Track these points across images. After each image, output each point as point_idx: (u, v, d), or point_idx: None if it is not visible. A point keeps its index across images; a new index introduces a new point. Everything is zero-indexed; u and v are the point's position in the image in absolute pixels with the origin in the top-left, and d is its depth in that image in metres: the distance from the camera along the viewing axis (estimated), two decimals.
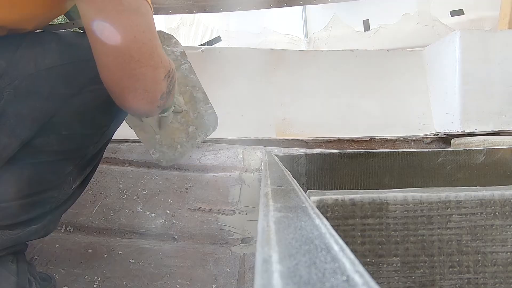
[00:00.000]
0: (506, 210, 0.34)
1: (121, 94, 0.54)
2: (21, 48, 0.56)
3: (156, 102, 0.57)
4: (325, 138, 1.40)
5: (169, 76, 0.59)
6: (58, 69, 0.58)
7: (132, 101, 0.54)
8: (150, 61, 0.53)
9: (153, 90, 0.55)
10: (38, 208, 0.65)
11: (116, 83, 0.53)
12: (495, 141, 1.10)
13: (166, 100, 0.61)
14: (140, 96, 0.54)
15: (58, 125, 0.61)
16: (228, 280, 0.83)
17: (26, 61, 0.56)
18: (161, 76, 0.56)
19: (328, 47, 3.07)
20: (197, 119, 1.09)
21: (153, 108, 0.58)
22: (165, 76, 0.57)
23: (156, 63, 0.54)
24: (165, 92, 0.58)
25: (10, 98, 0.55)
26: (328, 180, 0.85)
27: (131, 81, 0.52)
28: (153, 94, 0.55)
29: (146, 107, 0.56)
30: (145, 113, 0.59)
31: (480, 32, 1.34)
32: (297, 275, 0.15)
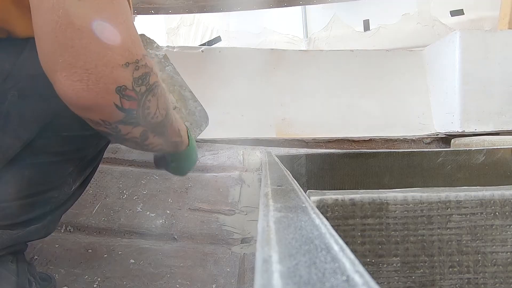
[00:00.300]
0: (506, 210, 0.34)
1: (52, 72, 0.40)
2: (25, 51, 0.56)
3: (104, 92, 0.41)
4: (325, 138, 1.40)
5: (137, 67, 0.44)
6: None
7: (64, 84, 0.39)
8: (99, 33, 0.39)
9: (99, 73, 0.40)
10: (38, 209, 0.65)
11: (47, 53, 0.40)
12: (495, 141, 1.10)
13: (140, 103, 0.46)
14: (75, 77, 0.39)
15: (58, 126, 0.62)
16: (228, 280, 0.83)
17: (29, 63, 0.56)
18: (116, 58, 0.41)
19: (328, 47, 3.07)
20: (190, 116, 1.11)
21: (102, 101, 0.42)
22: (126, 64, 0.42)
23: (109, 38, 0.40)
24: (128, 85, 0.43)
25: (14, 100, 0.56)
26: (328, 180, 0.85)
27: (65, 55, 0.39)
28: (98, 79, 0.40)
29: (86, 96, 0.40)
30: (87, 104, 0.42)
31: (480, 32, 1.34)
32: (297, 275, 0.15)
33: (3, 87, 0.55)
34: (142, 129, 0.50)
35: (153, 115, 0.50)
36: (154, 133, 0.53)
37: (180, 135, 0.62)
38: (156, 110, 0.50)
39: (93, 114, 0.44)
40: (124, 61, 0.42)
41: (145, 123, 0.49)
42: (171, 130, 0.57)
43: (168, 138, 0.58)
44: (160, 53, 1.12)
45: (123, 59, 0.42)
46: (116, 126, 0.47)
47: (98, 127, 0.47)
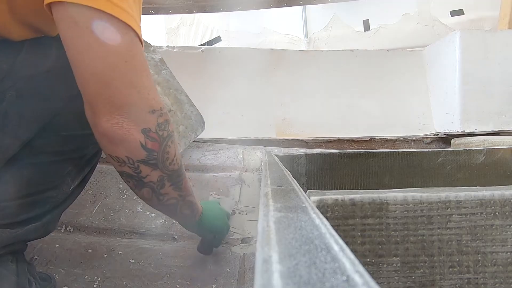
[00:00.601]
0: (506, 210, 0.34)
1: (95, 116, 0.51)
2: (22, 52, 0.57)
3: (134, 131, 0.51)
4: (325, 138, 1.40)
5: (161, 115, 0.54)
6: (57, 72, 0.59)
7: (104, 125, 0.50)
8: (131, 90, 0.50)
9: (131, 117, 0.50)
10: (37, 208, 0.65)
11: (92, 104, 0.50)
12: (495, 141, 1.10)
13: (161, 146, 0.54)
14: (114, 120, 0.50)
15: (57, 125, 0.62)
16: (228, 280, 0.83)
17: (27, 64, 0.57)
18: (144, 106, 0.52)
19: (328, 47, 3.07)
20: (185, 120, 1.12)
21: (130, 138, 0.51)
22: (152, 111, 0.53)
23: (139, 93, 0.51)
24: (151, 128, 0.53)
25: (12, 100, 0.57)
26: (328, 180, 0.85)
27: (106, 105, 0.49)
28: (130, 121, 0.50)
29: (120, 132, 0.50)
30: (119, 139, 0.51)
31: (480, 32, 1.34)
32: (297, 275, 0.15)
33: (1, 87, 0.56)
34: (160, 173, 0.56)
35: (171, 160, 0.57)
36: (170, 182, 0.59)
37: (194, 196, 0.67)
38: (174, 157, 0.57)
39: (121, 150, 0.52)
40: (151, 108, 0.52)
41: (163, 168, 0.56)
42: (185, 185, 0.62)
43: (184, 194, 0.63)
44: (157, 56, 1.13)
45: (150, 107, 0.52)
46: (138, 166, 0.54)
47: (123, 167, 0.54)
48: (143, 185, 0.56)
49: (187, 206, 0.66)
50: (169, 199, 0.60)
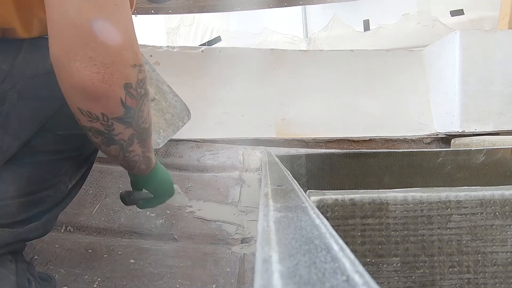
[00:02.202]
0: (506, 210, 0.34)
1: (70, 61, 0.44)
2: (21, 52, 0.58)
3: (116, 86, 0.46)
4: (325, 138, 1.40)
5: (141, 71, 0.50)
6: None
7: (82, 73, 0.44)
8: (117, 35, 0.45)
9: (114, 68, 0.45)
10: (35, 207, 0.65)
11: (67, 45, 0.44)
12: (495, 141, 1.10)
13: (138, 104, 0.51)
14: (95, 69, 0.44)
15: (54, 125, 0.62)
16: (228, 280, 0.83)
17: (27, 65, 0.57)
18: (129, 58, 0.47)
19: (328, 47, 3.07)
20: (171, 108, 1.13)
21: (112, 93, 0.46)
22: (134, 65, 0.48)
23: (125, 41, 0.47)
24: (132, 84, 0.48)
25: (13, 101, 0.57)
26: (328, 180, 0.85)
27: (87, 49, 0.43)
28: (113, 72, 0.45)
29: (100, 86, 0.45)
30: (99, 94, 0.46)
31: (480, 32, 1.34)
32: (297, 275, 0.15)
33: (1, 88, 0.56)
34: (131, 131, 0.53)
35: (144, 119, 0.54)
36: (138, 140, 0.57)
37: (152, 151, 0.64)
38: (147, 115, 0.55)
39: (98, 106, 0.47)
40: (133, 62, 0.48)
41: (136, 126, 0.53)
42: (149, 143, 0.61)
43: (146, 150, 0.61)
44: None
45: (133, 61, 0.48)
46: (112, 123, 0.50)
47: (94, 123, 0.49)
48: (112, 142, 0.53)
49: (146, 161, 0.63)
50: (134, 155, 0.58)
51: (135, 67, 0.49)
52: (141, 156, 0.61)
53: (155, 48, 1.43)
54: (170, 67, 1.42)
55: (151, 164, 0.67)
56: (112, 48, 0.44)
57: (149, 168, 0.67)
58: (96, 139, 0.53)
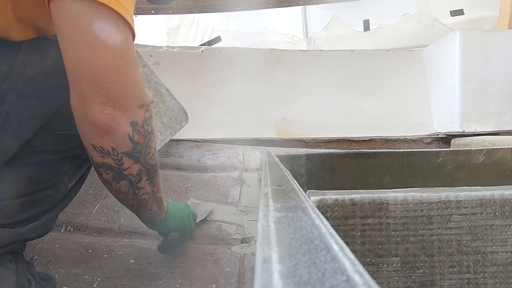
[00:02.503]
0: (506, 210, 0.34)
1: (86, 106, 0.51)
2: (20, 53, 0.58)
3: (124, 124, 0.53)
4: (325, 138, 1.40)
5: (147, 110, 0.56)
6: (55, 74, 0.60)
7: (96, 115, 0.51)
8: (125, 83, 0.52)
9: (122, 110, 0.52)
10: (35, 207, 0.65)
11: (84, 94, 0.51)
12: (495, 141, 1.10)
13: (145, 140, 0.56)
14: (106, 111, 0.51)
15: (54, 125, 0.63)
16: (228, 280, 0.83)
17: (26, 66, 0.58)
18: (135, 101, 0.54)
19: (328, 47, 3.07)
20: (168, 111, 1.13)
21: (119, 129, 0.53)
22: (141, 106, 0.55)
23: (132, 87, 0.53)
24: (139, 122, 0.55)
25: (12, 101, 0.58)
26: (328, 180, 0.85)
27: (100, 97, 0.50)
28: (121, 114, 0.52)
29: (110, 124, 0.52)
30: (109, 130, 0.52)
31: (480, 32, 1.34)
32: (297, 275, 0.15)
33: (1, 89, 0.56)
34: (139, 167, 0.58)
35: (151, 155, 0.59)
36: (147, 177, 0.60)
37: (162, 193, 0.67)
38: (154, 151, 0.60)
39: (108, 140, 0.53)
40: (140, 103, 0.55)
41: (143, 162, 0.58)
42: (158, 181, 0.64)
43: (156, 189, 0.64)
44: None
45: (139, 102, 0.55)
46: (121, 157, 0.55)
47: (105, 158, 0.55)
48: (122, 178, 0.57)
49: (156, 202, 0.66)
50: (143, 193, 0.62)
51: (142, 107, 0.55)
52: (151, 195, 0.64)
53: (155, 48, 1.43)
54: (170, 67, 1.42)
55: (163, 207, 0.69)
56: (120, 94, 0.52)
57: (162, 211, 0.70)
58: (107, 175, 0.57)
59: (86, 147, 0.55)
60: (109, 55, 0.50)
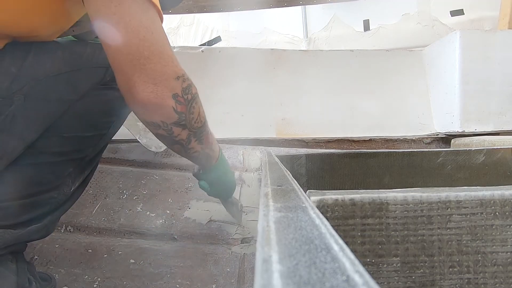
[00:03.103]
0: (506, 210, 0.34)
1: (132, 88, 0.55)
2: (30, 55, 0.59)
3: (166, 98, 0.57)
4: (325, 138, 1.40)
5: (184, 80, 0.60)
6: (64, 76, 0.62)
7: (142, 94, 0.55)
8: (159, 59, 0.56)
9: (162, 85, 0.56)
10: (38, 209, 0.65)
11: (127, 77, 0.55)
12: (495, 141, 1.10)
13: (187, 108, 0.61)
14: (149, 89, 0.55)
15: (59, 127, 0.63)
16: (228, 280, 0.83)
17: (35, 68, 0.59)
18: (171, 74, 0.57)
19: (328, 47, 3.07)
20: None
21: (164, 104, 0.57)
22: (177, 77, 0.58)
23: (166, 61, 0.57)
24: (179, 93, 0.59)
25: (19, 103, 0.59)
26: (328, 180, 0.85)
27: (141, 76, 0.54)
28: (162, 89, 0.56)
29: (155, 100, 0.56)
30: (155, 107, 0.57)
31: (480, 32, 1.34)
32: (297, 275, 0.15)
33: (9, 90, 0.57)
34: (188, 132, 0.64)
35: (196, 119, 0.64)
36: (195, 138, 0.67)
37: (212, 149, 0.75)
38: (198, 116, 0.65)
39: (157, 116, 0.59)
40: (176, 75, 0.58)
41: (190, 127, 0.63)
42: (207, 140, 0.71)
43: (204, 146, 0.71)
44: None
45: (175, 74, 0.58)
46: (171, 128, 0.61)
47: (158, 130, 0.61)
48: (175, 143, 0.64)
49: (205, 157, 0.74)
50: (194, 152, 0.69)
51: (178, 79, 0.59)
52: (201, 152, 0.71)
53: None
54: None
55: (210, 160, 0.77)
56: (157, 70, 0.55)
57: (208, 165, 0.77)
58: (163, 141, 0.65)
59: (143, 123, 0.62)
60: (140, 33, 0.53)
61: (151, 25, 0.54)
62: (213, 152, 0.76)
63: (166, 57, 0.57)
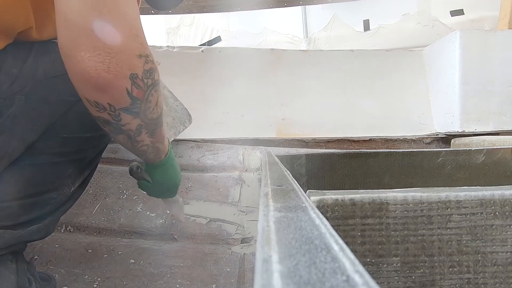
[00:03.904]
0: (506, 210, 0.34)
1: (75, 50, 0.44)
2: (30, 56, 0.59)
3: (121, 76, 0.46)
4: (325, 138, 1.40)
5: (147, 61, 0.49)
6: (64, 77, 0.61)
7: (87, 63, 0.43)
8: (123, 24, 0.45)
9: (119, 57, 0.45)
10: (38, 209, 0.66)
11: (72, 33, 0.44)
12: (495, 141, 1.10)
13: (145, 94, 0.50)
14: (100, 58, 0.43)
15: (59, 127, 0.63)
16: (228, 280, 0.83)
17: (35, 69, 0.59)
18: (135, 48, 0.47)
19: (328, 47, 3.07)
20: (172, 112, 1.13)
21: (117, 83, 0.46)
22: (140, 55, 0.48)
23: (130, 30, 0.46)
24: (138, 74, 0.48)
25: (20, 103, 0.58)
26: (328, 180, 0.85)
27: (92, 37, 0.43)
28: (118, 62, 0.45)
29: (105, 75, 0.44)
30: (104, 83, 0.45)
31: (480, 32, 1.34)
32: (297, 275, 0.15)
33: (10, 91, 0.57)
34: (139, 122, 0.53)
35: (152, 109, 0.54)
36: (146, 130, 0.56)
37: (164, 143, 0.65)
38: (155, 106, 0.54)
39: (104, 96, 0.47)
40: (139, 52, 0.47)
41: (143, 116, 0.53)
42: (159, 133, 0.61)
43: (155, 140, 0.61)
44: None
45: (138, 51, 0.47)
46: (119, 114, 0.50)
47: (101, 113, 0.49)
48: (120, 132, 0.54)
49: (154, 151, 0.64)
50: (142, 145, 0.59)
51: (141, 57, 0.48)
52: (150, 146, 0.60)
53: (155, 48, 1.43)
54: (170, 67, 1.42)
55: (159, 155, 0.66)
56: (117, 38, 0.44)
57: (157, 159, 0.67)
58: (105, 127, 0.53)
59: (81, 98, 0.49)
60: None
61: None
62: (164, 146, 0.65)
63: (132, 26, 0.46)
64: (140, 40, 0.48)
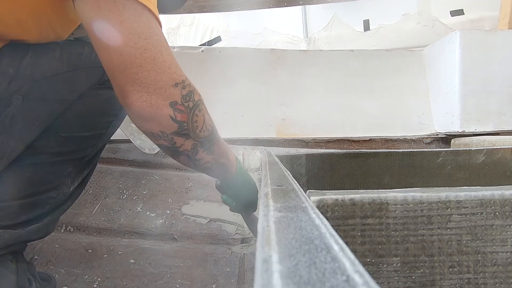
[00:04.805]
0: (506, 210, 0.34)
1: (125, 98, 0.52)
2: (27, 56, 0.59)
3: (162, 107, 0.53)
4: (325, 138, 1.40)
5: (184, 87, 0.56)
6: (61, 76, 0.61)
7: (135, 104, 0.52)
8: (153, 66, 0.52)
9: (157, 93, 0.53)
10: (38, 209, 0.66)
11: (121, 86, 0.52)
12: (495, 141, 1.10)
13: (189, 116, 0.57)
14: (143, 99, 0.52)
15: (58, 127, 0.63)
16: (228, 280, 0.83)
17: (32, 68, 0.59)
18: (167, 81, 0.54)
19: (328, 47, 3.07)
20: None
21: (159, 113, 0.54)
22: (176, 84, 0.55)
23: (161, 68, 0.53)
24: (177, 101, 0.55)
25: (18, 103, 0.59)
26: (328, 180, 0.85)
27: (134, 85, 0.51)
28: (157, 97, 0.53)
29: (150, 110, 0.53)
30: (150, 117, 0.54)
31: (480, 32, 1.34)
32: (297, 275, 0.15)
33: (7, 91, 0.57)
34: (193, 142, 0.59)
35: (200, 128, 0.60)
36: (203, 148, 0.62)
37: (228, 158, 0.69)
38: (203, 124, 0.60)
39: (154, 125, 0.55)
40: (173, 82, 0.54)
41: (194, 136, 0.59)
42: (218, 149, 0.65)
43: (216, 157, 0.65)
44: None
45: (173, 81, 0.54)
46: (172, 138, 0.57)
47: (159, 140, 0.57)
48: (179, 154, 0.60)
49: (220, 168, 0.68)
50: (204, 163, 0.64)
51: (177, 86, 0.55)
52: (213, 163, 0.65)
53: None
54: None
55: (228, 171, 0.70)
56: (151, 78, 0.52)
57: (227, 176, 0.72)
58: (167, 153, 0.61)
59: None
60: (131, 40, 0.50)
61: (145, 31, 0.51)
62: (229, 161, 0.70)
63: (161, 64, 0.53)
64: (173, 70, 0.54)
